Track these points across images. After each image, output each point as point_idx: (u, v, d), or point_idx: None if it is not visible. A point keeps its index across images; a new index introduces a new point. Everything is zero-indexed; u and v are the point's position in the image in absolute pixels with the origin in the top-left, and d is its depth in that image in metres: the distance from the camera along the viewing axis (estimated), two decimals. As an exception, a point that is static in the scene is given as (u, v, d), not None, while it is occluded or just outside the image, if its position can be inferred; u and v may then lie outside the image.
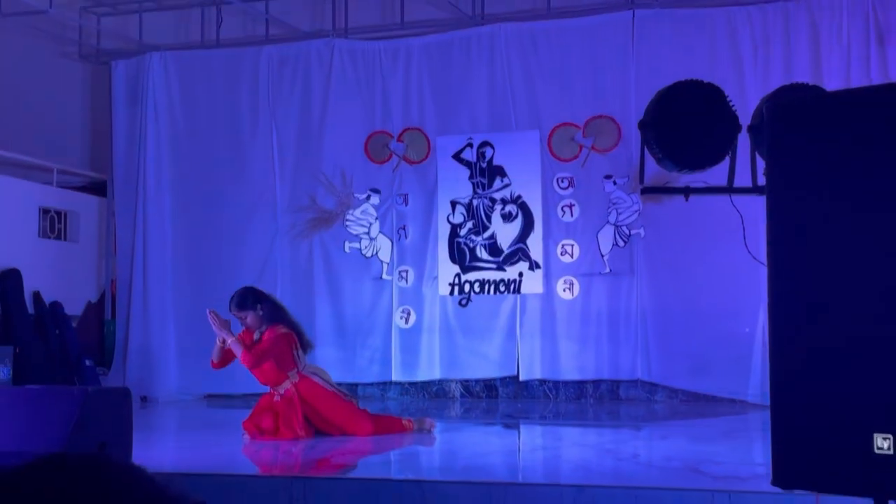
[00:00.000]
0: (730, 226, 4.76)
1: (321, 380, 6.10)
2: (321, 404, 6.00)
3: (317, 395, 6.00)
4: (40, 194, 9.22)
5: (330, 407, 6.01)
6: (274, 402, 6.02)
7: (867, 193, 2.43)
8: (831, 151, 2.47)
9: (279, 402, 5.99)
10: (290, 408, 5.95)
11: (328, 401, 6.02)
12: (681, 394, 8.23)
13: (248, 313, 5.94)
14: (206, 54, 9.43)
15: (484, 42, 8.76)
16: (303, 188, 9.05)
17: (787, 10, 8.03)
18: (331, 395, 6.07)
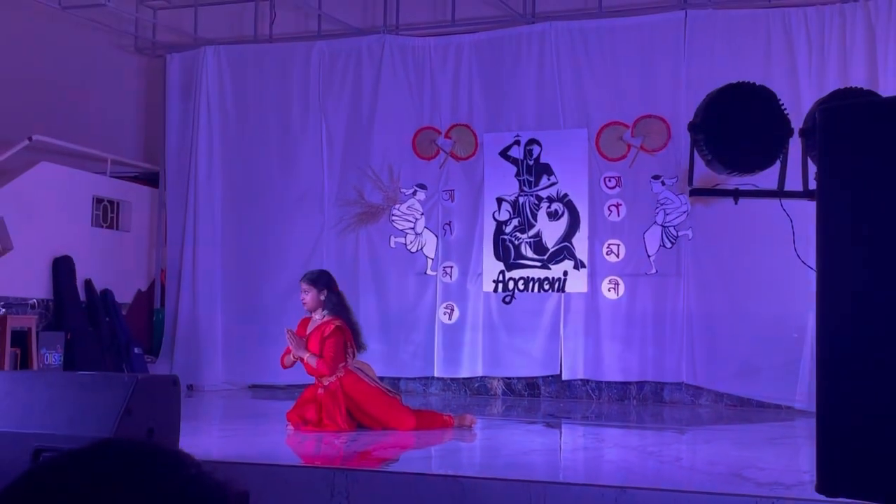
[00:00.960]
0: (779, 229, 4.71)
1: (365, 375, 6.15)
2: (363, 399, 6.05)
3: (360, 390, 6.06)
4: (94, 184, 9.39)
5: (372, 402, 6.07)
6: (318, 394, 6.08)
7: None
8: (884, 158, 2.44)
9: (322, 394, 6.05)
10: (333, 401, 6.01)
11: (371, 397, 6.07)
12: (726, 398, 8.15)
13: (313, 291, 6.04)
14: (258, 49, 9.53)
15: (534, 40, 8.75)
16: (350, 182, 9.12)
17: (843, 11, 7.91)
18: (374, 390, 6.12)
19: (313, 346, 6.03)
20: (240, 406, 8.33)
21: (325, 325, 6.05)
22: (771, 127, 3.67)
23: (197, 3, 9.72)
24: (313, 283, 6.07)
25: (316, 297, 6.05)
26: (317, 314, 6.12)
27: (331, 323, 6.04)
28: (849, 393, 2.54)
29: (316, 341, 6.04)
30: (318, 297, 6.05)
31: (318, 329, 6.08)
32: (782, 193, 3.80)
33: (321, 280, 6.11)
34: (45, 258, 8.69)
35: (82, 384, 4.11)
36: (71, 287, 8.81)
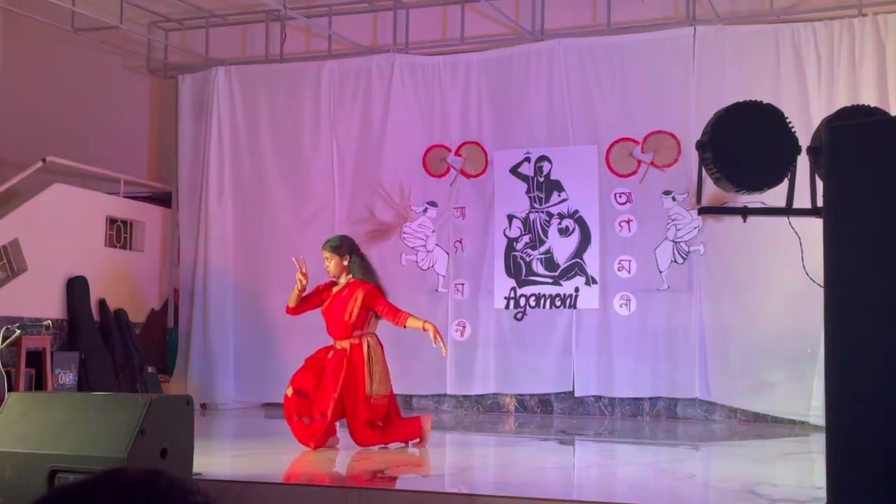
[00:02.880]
0: (790, 245, 4.71)
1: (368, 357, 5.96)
2: (360, 377, 5.90)
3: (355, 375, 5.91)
4: (107, 204, 9.46)
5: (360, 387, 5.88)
6: (326, 358, 5.98)
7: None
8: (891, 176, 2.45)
9: (331, 359, 5.95)
10: (336, 368, 5.90)
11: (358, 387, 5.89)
12: (740, 413, 8.12)
13: (335, 258, 6.06)
14: (269, 69, 9.60)
15: (543, 57, 8.78)
16: (361, 201, 9.15)
17: (852, 25, 7.92)
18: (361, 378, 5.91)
19: (339, 311, 5.99)
20: (253, 425, 8.34)
21: (353, 288, 6.00)
22: (778, 145, 3.68)
23: (208, 24, 9.81)
24: (335, 251, 6.07)
25: (339, 263, 6.06)
26: (341, 279, 6.11)
27: (362, 285, 6.00)
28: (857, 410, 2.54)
29: (342, 306, 6.00)
30: (342, 264, 6.06)
31: (346, 293, 6.02)
32: (790, 211, 3.81)
33: (343, 246, 6.11)
34: (59, 278, 8.75)
35: (96, 405, 4.13)
36: (85, 307, 8.86)
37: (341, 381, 5.92)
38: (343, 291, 6.07)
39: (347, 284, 6.08)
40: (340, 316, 6.01)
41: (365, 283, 6.07)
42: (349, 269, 6.08)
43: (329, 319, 6.11)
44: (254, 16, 9.73)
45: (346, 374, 5.92)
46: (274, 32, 9.72)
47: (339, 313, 6.01)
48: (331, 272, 6.12)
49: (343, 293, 6.06)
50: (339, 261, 6.07)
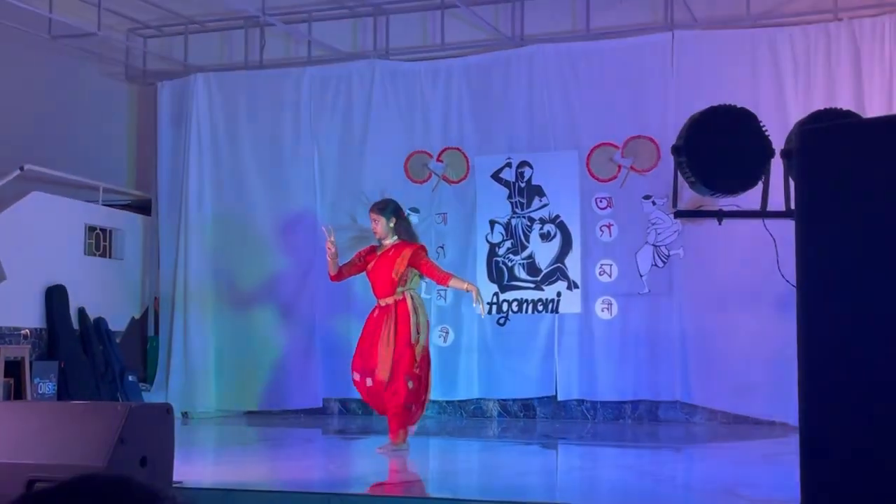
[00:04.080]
0: (769, 247, 4.75)
1: (413, 308, 6.23)
2: (405, 327, 6.17)
3: (403, 325, 6.18)
4: (86, 212, 9.40)
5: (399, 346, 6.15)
6: (373, 316, 6.27)
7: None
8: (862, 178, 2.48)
9: (378, 315, 6.23)
10: (380, 322, 6.20)
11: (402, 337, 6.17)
12: (721, 416, 8.17)
13: (382, 219, 6.34)
14: (249, 75, 9.58)
15: (523, 63, 8.81)
16: (343, 207, 9.14)
17: (828, 30, 7.99)
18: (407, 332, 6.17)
19: (386, 270, 6.25)
20: (234, 433, 8.31)
21: (402, 248, 6.29)
22: (752, 148, 3.71)
23: (187, 30, 9.79)
24: (381, 212, 6.35)
25: (385, 224, 6.33)
26: (387, 240, 6.36)
27: (408, 245, 6.31)
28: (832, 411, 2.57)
29: (389, 265, 6.27)
30: (388, 225, 6.33)
31: (392, 253, 6.30)
32: (765, 214, 3.84)
33: (388, 208, 6.39)
34: (38, 287, 8.70)
35: (75, 413, 4.11)
36: (64, 316, 8.81)
37: (391, 332, 6.17)
38: (390, 251, 6.34)
39: (394, 245, 6.35)
40: (388, 274, 6.26)
41: (411, 243, 6.40)
42: (395, 230, 6.35)
43: (375, 279, 6.35)
44: (233, 22, 9.70)
45: (391, 326, 6.19)
46: (253, 39, 9.71)
47: (387, 271, 6.27)
48: (378, 233, 6.37)
49: (390, 252, 6.33)
50: (386, 222, 6.34)
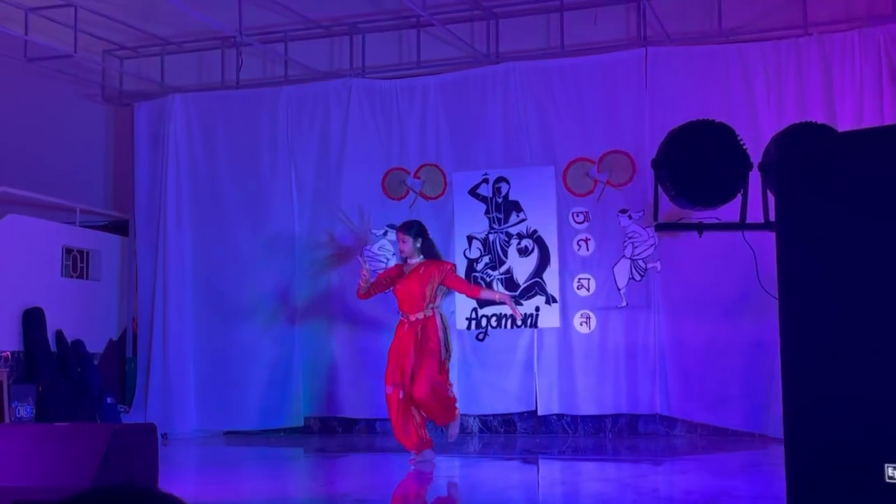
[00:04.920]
0: (746, 259, 4.82)
1: (442, 326, 6.67)
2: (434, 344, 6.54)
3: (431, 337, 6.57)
4: (63, 234, 9.36)
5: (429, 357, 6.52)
6: (403, 331, 6.62)
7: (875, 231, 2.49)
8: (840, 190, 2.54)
9: (407, 330, 6.59)
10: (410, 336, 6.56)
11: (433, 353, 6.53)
12: (700, 428, 8.22)
13: (409, 240, 6.73)
14: (226, 95, 9.60)
15: (499, 79, 8.88)
16: (321, 225, 9.16)
17: (798, 46, 8.11)
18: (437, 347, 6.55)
19: (414, 288, 6.63)
20: (215, 453, 8.27)
21: (430, 266, 6.67)
22: (731, 162, 3.78)
23: (163, 51, 9.79)
24: (408, 232, 6.76)
25: (412, 244, 6.73)
26: (413, 259, 6.74)
27: (438, 264, 6.76)
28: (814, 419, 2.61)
29: (418, 282, 6.64)
30: (415, 245, 6.74)
31: (421, 271, 6.66)
32: (744, 226, 3.90)
33: (414, 229, 6.80)
34: (15, 310, 8.64)
35: (58, 436, 4.10)
36: (42, 339, 8.75)
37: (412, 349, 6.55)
38: (419, 269, 6.69)
39: (422, 263, 6.72)
40: (418, 291, 6.63)
41: (442, 262, 6.91)
42: (420, 249, 6.74)
43: (404, 295, 6.70)
44: (209, 43, 9.72)
45: (421, 340, 6.56)
46: (230, 59, 9.73)
47: (417, 288, 6.63)
48: (405, 252, 6.77)
49: (420, 270, 6.68)
50: (413, 242, 6.74)
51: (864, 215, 2.51)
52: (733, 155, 3.76)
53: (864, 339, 2.54)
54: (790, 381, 2.62)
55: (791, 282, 2.60)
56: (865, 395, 2.52)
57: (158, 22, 9.24)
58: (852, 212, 2.54)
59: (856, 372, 2.54)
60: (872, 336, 2.53)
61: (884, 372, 2.51)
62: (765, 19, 8.37)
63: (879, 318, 2.52)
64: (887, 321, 2.51)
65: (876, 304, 2.52)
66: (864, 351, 2.54)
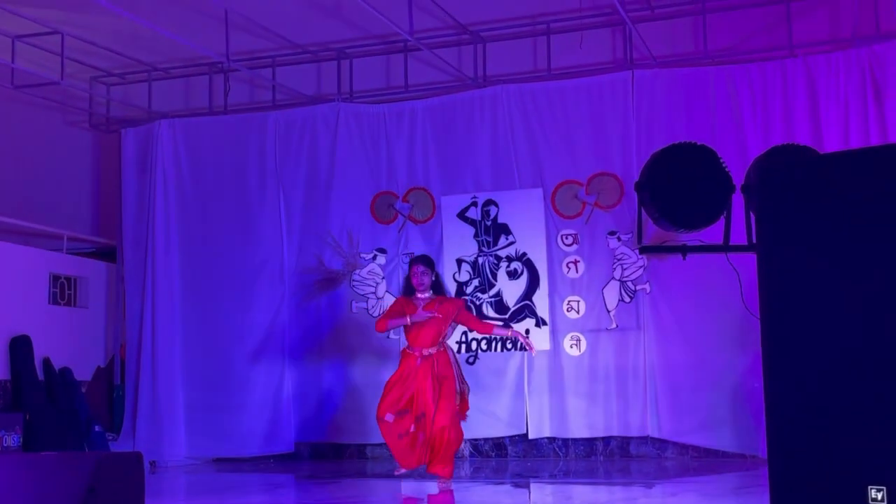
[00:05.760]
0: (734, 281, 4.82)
1: (454, 359, 6.75)
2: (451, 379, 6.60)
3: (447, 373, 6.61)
4: (51, 261, 9.32)
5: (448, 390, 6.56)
6: (415, 364, 6.61)
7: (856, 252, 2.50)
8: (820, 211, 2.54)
9: (422, 364, 6.59)
10: (425, 370, 6.58)
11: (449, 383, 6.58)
12: (691, 450, 8.20)
13: (430, 274, 6.79)
14: (214, 121, 9.60)
15: (486, 103, 8.91)
16: (310, 250, 9.15)
17: (784, 67, 8.16)
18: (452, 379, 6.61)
19: (432, 322, 6.64)
20: (204, 481, 8.20)
21: (447, 303, 6.75)
22: (713, 184, 3.80)
23: (150, 77, 9.80)
24: (430, 266, 6.85)
25: (431, 278, 6.80)
26: (423, 293, 6.75)
27: (453, 301, 6.95)
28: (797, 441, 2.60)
29: (437, 319, 6.65)
30: (432, 279, 6.82)
31: (436, 307, 6.66)
32: (727, 248, 3.91)
33: (432, 263, 6.94)
34: (2, 338, 8.59)
35: (43, 465, 4.06)
36: (29, 366, 8.69)
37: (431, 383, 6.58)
38: (433, 305, 6.70)
39: (436, 299, 6.75)
40: (434, 326, 6.65)
41: (456, 298, 7.20)
42: (433, 285, 6.82)
43: (420, 330, 6.68)
44: (197, 68, 9.73)
45: (438, 375, 6.60)
46: (217, 84, 9.74)
47: (434, 324, 6.65)
48: (424, 285, 6.75)
49: (434, 306, 6.69)
50: (431, 276, 6.81)
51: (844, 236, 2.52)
52: (716, 177, 3.78)
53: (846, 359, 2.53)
54: (773, 402, 2.62)
55: (773, 303, 2.60)
56: (848, 417, 2.51)
57: (145, 48, 9.26)
58: (833, 233, 2.54)
59: (839, 393, 2.53)
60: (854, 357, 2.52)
61: (867, 393, 2.50)
62: (750, 41, 8.43)
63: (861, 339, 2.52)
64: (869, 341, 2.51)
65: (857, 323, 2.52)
66: (847, 372, 2.53)
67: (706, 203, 3.73)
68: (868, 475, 2.42)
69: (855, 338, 2.52)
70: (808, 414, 2.57)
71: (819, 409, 2.56)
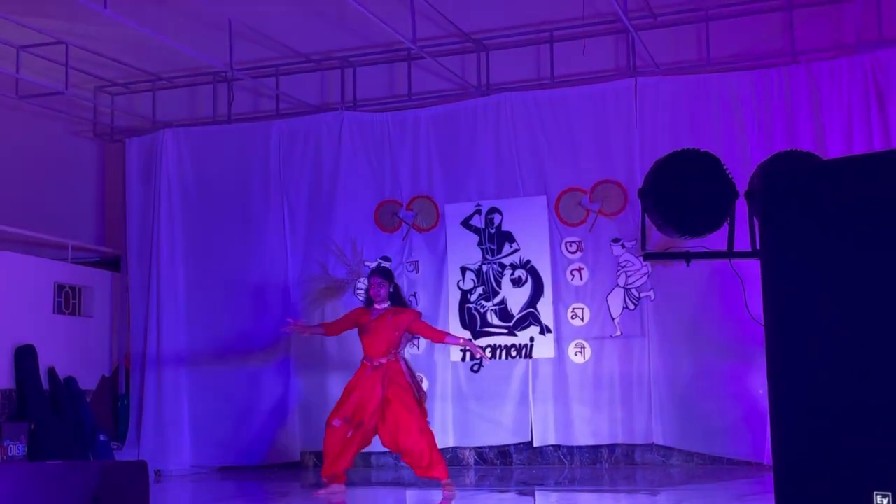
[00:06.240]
0: (737, 287, 4.81)
1: (408, 371, 6.91)
2: (396, 391, 6.74)
3: (399, 381, 6.79)
4: (55, 271, 9.34)
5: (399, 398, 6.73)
6: (366, 374, 6.80)
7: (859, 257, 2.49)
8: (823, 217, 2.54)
9: (371, 374, 6.78)
10: (375, 379, 6.77)
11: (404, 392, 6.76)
12: (697, 457, 8.18)
13: (386, 286, 7.02)
14: (218, 130, 9.62)
15: (490, 111, 8.92)
16: (314, 258, 9.15)
17: (787, 74, 8.17)
18: (408, 387, 6.80)
19: (388, 334, 6.86)
20: (209, 490, 8.20)
21: (400, 314, 6.94)
22: (716, 191, 3.80)
23: (155, 87, 9.83)
24: (387, 278, 7.10)
25: (387, 290, 7.04)
26: (380, 304, 7.00)
27: (407, 312, 7.04)
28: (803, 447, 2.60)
29: (388, 328, 6.88)
30: (389, 290, 7.04)
31: (390, 318, 6.90)
32: (731, 254, 3.91)
33: (391, 275, 7.21)
34: (7, 348, 8.60)
35: (48, 474, 4.06)
36: (34, 376, 8.70)
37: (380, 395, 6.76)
38: (387, 315, 6.93)
39: (389, 310, 6.96)
40: (393, 337, 6.88)
41: (410, 309, 7.21)
42: (391, 296, 7.03)
43: (372, 339, 6.92)
44: (201, 78, 9.76)
45: (391, 386, 6.78)
46: (221, 94, 9.76)
47: (391, 335, 6.88)
48: (380, 296, 7.00)
49: (387, 317, 6.93)
50: (388, 289, 7.04)
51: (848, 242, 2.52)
52: (719, 183, 3.78)
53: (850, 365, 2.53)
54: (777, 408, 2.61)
55: (776, 309, 2.60)
56: (853, 423, 2.51)
57: (149, 58, 9.29)
58: (837, 238, 2.54)
59: (843, 399, 2.53)
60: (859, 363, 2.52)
61: (871, 399, 2.50)
62: (753, 48, 8.43)
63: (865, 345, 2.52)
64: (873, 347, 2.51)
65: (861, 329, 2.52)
66: (852, 378, 2.53)
67: (710, 209, 3.73)
68: (873, 481, 2.41)
69: (859, 344, 2.51)
70: (813, 420, 2.56)
71: (824, 416, 2.55)
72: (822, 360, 2.57)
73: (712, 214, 3.75)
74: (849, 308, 2.54)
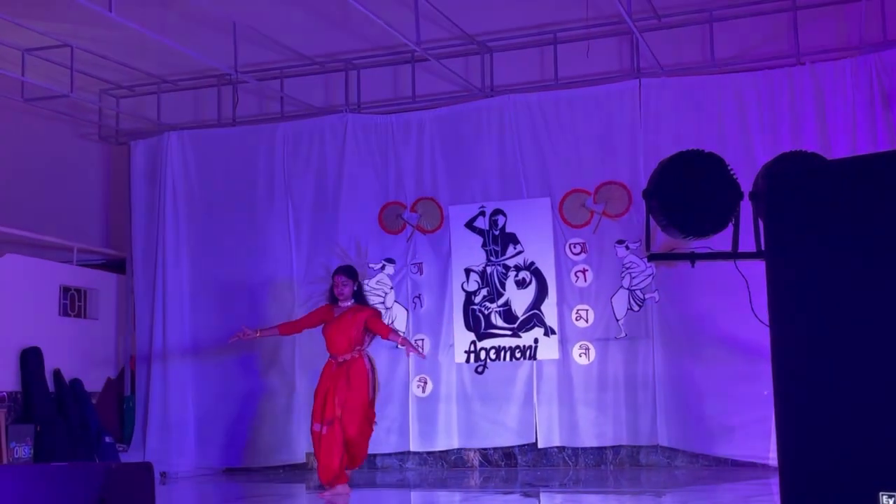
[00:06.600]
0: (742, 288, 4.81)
1: (370, 372, 7.07)
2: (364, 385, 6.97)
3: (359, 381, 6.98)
4: (61, 273, 9.36)
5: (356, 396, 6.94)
6: (332, 371, 7.00)
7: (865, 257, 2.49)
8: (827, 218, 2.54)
9: (336, 370, 6.98)
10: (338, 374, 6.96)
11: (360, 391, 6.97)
12: (701, 458, 8.17)
13: (350, 284, 7.22)
14: (222, 132, 9.64)
15: (494, 113, 8.93)
16: (319, 260, 9.17)
17: (791, 75, 8.17)
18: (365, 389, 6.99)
19: (349, 331, 7.05)
20: (214, 491, 8.22)
21: (360, 312, 7.15)
22: (721, 191, 3.80)
23: (160, 89, 9.85)
24: (351, 277, 7.27)
25: (351, 288, 7.23)
26: (344, 302, 7.20)
27: (365, 310, 7.23)
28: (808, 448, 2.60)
29: (348, 325, 7.07)
30: (353, 289, 7.24)
31: (350, 315, 7.09)
32: (736, 255, 3.91)
33: (356, 274, 7.36)
34: (13, 350, 8.62)
35: (54, 476, 4.07)
36: (39, 378, 8.72)
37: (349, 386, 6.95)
38: (348, 314, 7.13)
39: (351, 308, 7.17)
40: (353, 334, 7.07)
41: (368, 307, 7.36)
42: (354, 296, 7.23)
43: (334, 336, 7.12)
44: (205, 80, 9.78)
45: (350, 381, 6.94)
46: (226, 96, 9.78)
47: (352, 332, 7.07)
48: (344, 295, 7.20)
49: (350, 315, 7.12)
50: (352, 287, 7.23)
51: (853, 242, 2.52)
52: (723, 184, 3.78)
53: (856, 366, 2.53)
54: (783, 409, 2.61)
55: (781, 310, 2.60)
56: (859, 424, 2.51)
57: (154, 60, 9.31)
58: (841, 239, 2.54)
59: (849, 400, 2.53)
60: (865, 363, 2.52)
61: (877, 400, 2.50)
62: (757, 49, 8.43)
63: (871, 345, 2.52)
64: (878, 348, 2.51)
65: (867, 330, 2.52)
66: (857, 378, 2.53)
67: (714, 210, 3.74)
68: (880, 482, 2.41)
69: (864, 344, 2.51)
70: (819, 421, 2.56)
71: (830, 417, 2.55)
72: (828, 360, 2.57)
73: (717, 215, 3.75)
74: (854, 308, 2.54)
